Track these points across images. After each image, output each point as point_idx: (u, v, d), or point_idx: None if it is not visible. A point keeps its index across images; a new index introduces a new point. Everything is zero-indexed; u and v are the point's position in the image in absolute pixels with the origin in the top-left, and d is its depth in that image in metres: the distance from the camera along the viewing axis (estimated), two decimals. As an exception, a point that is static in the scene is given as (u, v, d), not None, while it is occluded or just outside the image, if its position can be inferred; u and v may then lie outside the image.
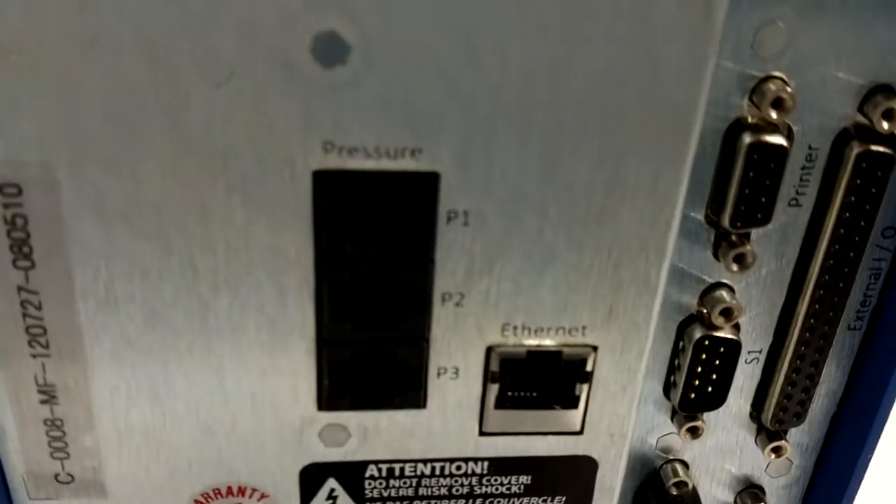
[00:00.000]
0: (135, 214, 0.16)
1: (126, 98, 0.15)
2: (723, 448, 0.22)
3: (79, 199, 0.16)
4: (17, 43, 0.14)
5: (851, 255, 0.19)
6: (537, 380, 0.19)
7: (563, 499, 0.21)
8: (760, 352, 0.20)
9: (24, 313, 0.17)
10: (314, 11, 0.14)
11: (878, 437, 0.21)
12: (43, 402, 0.18)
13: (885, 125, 0.17)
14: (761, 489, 0.23)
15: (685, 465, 0.22)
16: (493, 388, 0.19)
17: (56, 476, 0.19)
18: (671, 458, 0.22)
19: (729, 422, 0.21)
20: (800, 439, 0.22)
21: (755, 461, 0.22)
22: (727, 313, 0.19)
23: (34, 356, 0.17)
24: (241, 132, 0.15)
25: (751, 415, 0.21)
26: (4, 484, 0.19)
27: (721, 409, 0.21)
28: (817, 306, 0.19)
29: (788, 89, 0.16)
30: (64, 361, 0.18)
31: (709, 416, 0.21)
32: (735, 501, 0.23)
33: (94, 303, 0.17)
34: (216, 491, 0.20)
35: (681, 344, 0.20)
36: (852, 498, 0.22)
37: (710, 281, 0.19)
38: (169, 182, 0.16)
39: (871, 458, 0.21)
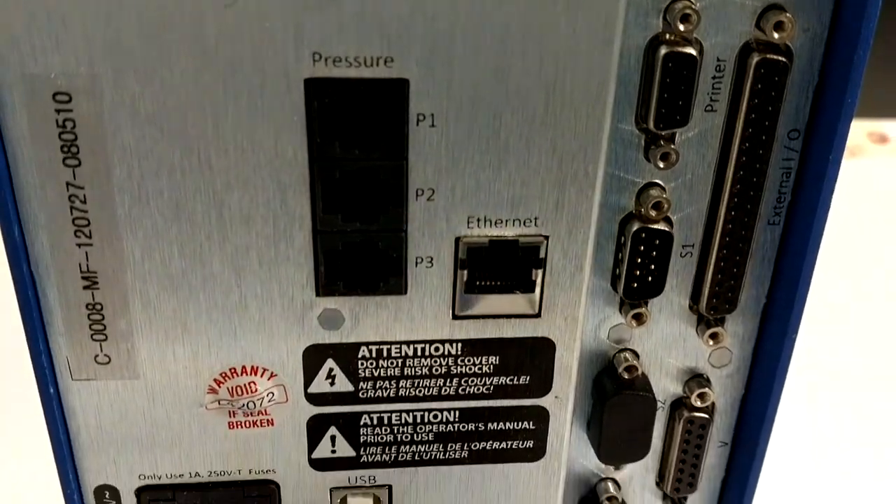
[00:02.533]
0: (163, 118, 0.20)
1: (156, 19, 0.19)
2: (667, 341, 0.25)
3: (117, 106, 0.19)
4: (70, -26, 0.18)
5: (761, 152, 0.22)
6: (499, 267, 0.22)
7: (528, 378, 0.24)
8: (693, 246, 0.24)
9: (71, 206, 0.20)
10: (303, -55, 0.18)
11: (799, 323, 0.24)
12: (85, 287, 0.22)
13: (776, 35, 0.20)
14: (706, 379, 0.26)
15: (635, 353, 0.25)
16: (463, 275, 0.22)
17: (95, 357, 0.23)
18: (622, 347, 0.25)
19: (671, 316, 0.25)
20: (736, 329, 0.25)
21: (698, 352, 0.25)
22: (658, 206, 0.22)
23: (79, 245, 0.21)
24: (246, 46, 0.19)
25: (690, 307, 0.25)
26: (51, 366, 0.23)
27: (664, 304, 0.24)
28: (736, 200, 0.23)
29: (694, 6, 0.20)
30: (104, 250, 0.21)
31: (653, 310, 0.24)
32: (683, 390, 0.26)
33: (129, 198, 0.21)
34: (232, 370, 0.23)
35: (622, 239, 0.23)
36: (783, 381, 0.25)
37: (643, 182, 0.23)
38: (190, 91, 0.19)
39: (795, 338, 0.24)
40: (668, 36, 0.21)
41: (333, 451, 0.25)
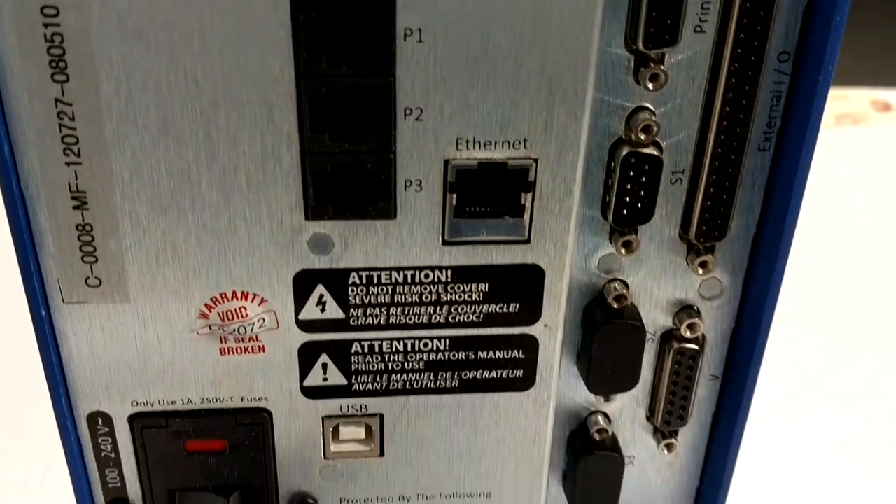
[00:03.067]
0: (149, 33, 0.20)
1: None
2: (657, 272, 0.25)
3: (104, 20, 0.19)
4: None
5: (750, 74, 0.22)
6: (488, 190, 0.22)
7: (517, 306, 0.24)
8: (682, 172, 0.23)
9: (60, 124, 0.20)
10: None
11: (788, 251, 0.24)
12: (75, 207, 0.22)
13: (766, -49, 0.20)
14: (696, 310, 0.26)
15: (625, 284, 0.25)
16: (452, 199, 0.22)
17: (86, 280, 0.23)
18: (612, 278, 0.25)
19: (661, 245, 0.25)
20: (725, 259, 0.25)
21: (688, 283, 0.25)
22: (647, 129, 0.22)
23: (68, 164, 0.21)
24: (232, -43, 0.19)
25: (680, 237, 0.25)
26: (42, 288, 0.23)
27: (653, 233, 0.24)
28: (726, 124, 0.22)
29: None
30: (94, 169, 0.21)
31: (642, 239, 0.24)
32: (673, 322, 0.26)
33: (116, 114, 0.21)
34: (223, 295, 0.23)
35: (612, 164, 0.23)
36: (772, 312, 0.25)
37: (633, 106, 0.22)
38: (176, 4, 0.19)
39: (784, 266, 0.24)
40: (656, -47, 0.21)
41: (325, 380, 0.25)
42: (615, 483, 0.28)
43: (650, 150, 0.23)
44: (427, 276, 0.24)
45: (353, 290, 0.24)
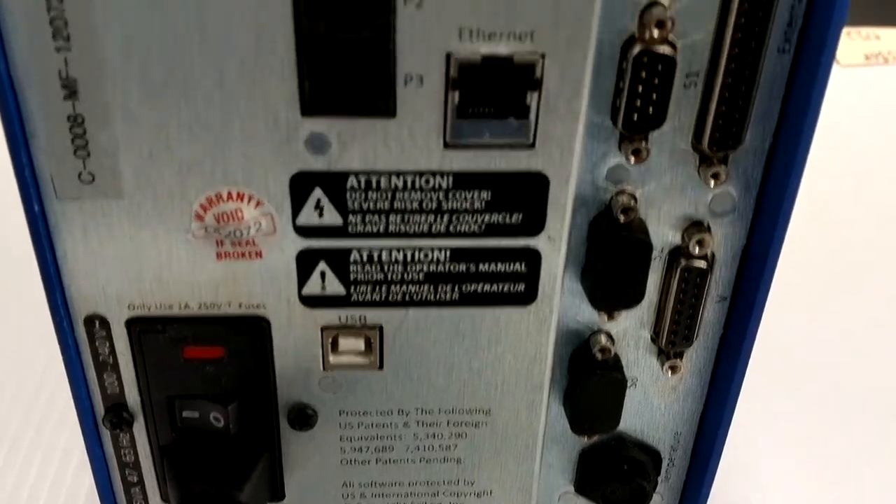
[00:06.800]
0: None
1: None
2: (667, 186, 0.23)
3: None
4: None
5: (772, -34, 0.20)
6: (492, 88, 0.20)
7: (521, 216, 0.23)
8: (697, 75, 0.21)
9: (48, 6, 0.19)
10: None
11: (804, 164, 0.22)
12: (66, 97, 0.20)
13: None
14: (707, 227, 0.24)
15: (633, 197, 0.23)
16: (454, 97, 0.20)
17: (79, 175, 0.21)
18: (620, 189, 0.23)
19: (671, 156, 0.23)
20: (738, 172, 0.23)
21: (699, 197, 0.23)
22: (661, 25, 0.20)
23: (57, 50, 0.19)
24: None
25: (693, 147, 0.23)
26: (35, 183, 0.21)
27: (664, 142, 0.22)
28: (744, 20, 0.20)
29: None
30: (84, 55, 0.19)
31: (653, 149, 0.22)
32: (682, 238, 0.24)
33: (104, -2, 0.19)
34: (218, 195, 0.22)
35: (623, 65, 0.21)
36: (784, 229, 0.23)
37: (646, 2, 0.20)
38: None
39: (799, 181, 0.22)
40: None
41: (323, 289, 0.23)
42: (616, 403, 0.26)
43: (664, 49, 0.20)
44: (427, 181, 0.22)
45: (351, 195, 0.22)
